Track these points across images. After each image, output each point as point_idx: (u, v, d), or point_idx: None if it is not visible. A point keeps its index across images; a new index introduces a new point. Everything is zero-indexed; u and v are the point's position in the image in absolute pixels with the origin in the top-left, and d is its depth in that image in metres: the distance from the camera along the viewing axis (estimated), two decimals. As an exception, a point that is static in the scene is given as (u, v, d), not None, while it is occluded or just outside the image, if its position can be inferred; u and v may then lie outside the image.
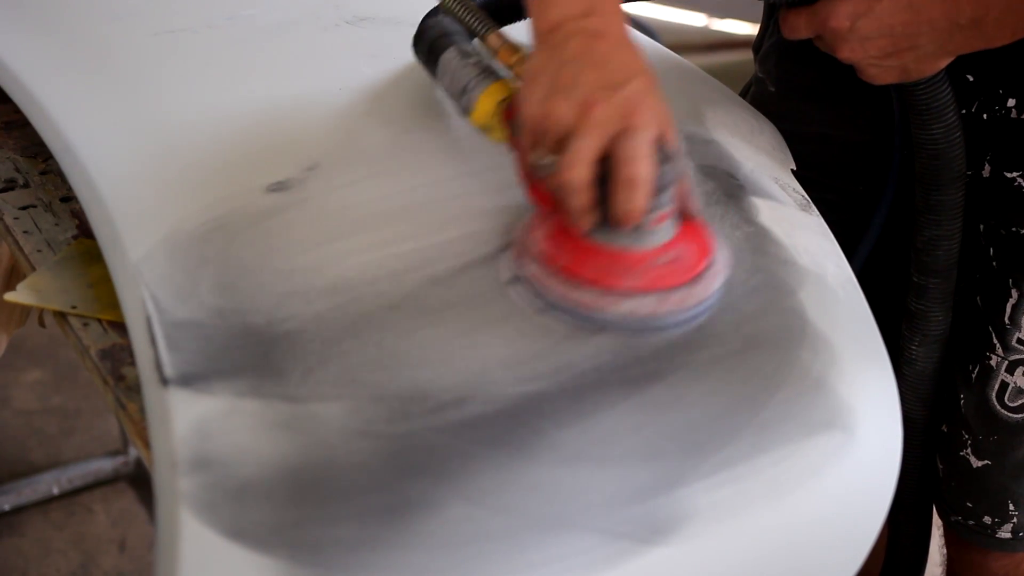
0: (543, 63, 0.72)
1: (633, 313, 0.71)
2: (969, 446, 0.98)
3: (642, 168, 0.68)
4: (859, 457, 0.71)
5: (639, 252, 0.71)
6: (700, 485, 0.66)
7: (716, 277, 0.73)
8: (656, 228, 0.71)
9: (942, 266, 0.94)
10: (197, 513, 0.61)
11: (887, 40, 0.81)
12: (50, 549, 1.77)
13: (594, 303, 0.71)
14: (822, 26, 0.83)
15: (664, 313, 0.71)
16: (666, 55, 1.04)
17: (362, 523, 0.61)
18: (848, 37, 0.82)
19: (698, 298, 0.72)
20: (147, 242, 0.77)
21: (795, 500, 0.69)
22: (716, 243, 0.75)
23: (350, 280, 0.74)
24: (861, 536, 0.74)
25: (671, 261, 0.72)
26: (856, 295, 0.81)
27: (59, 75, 0.95)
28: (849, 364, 0.74)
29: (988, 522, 1.00)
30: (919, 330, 0.96)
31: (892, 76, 0.85)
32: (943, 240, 0.92)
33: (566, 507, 0.64)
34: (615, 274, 0.71)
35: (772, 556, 0.70)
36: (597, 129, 0.68)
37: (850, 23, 0.81)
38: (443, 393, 0.67)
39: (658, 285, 0.71)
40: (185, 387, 0.67)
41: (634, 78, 0.70)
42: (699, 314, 0.73)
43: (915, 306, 0.96)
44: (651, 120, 0.69)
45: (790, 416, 0.70)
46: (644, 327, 0.71)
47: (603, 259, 0.72)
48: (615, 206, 0.69)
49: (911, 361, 0.97)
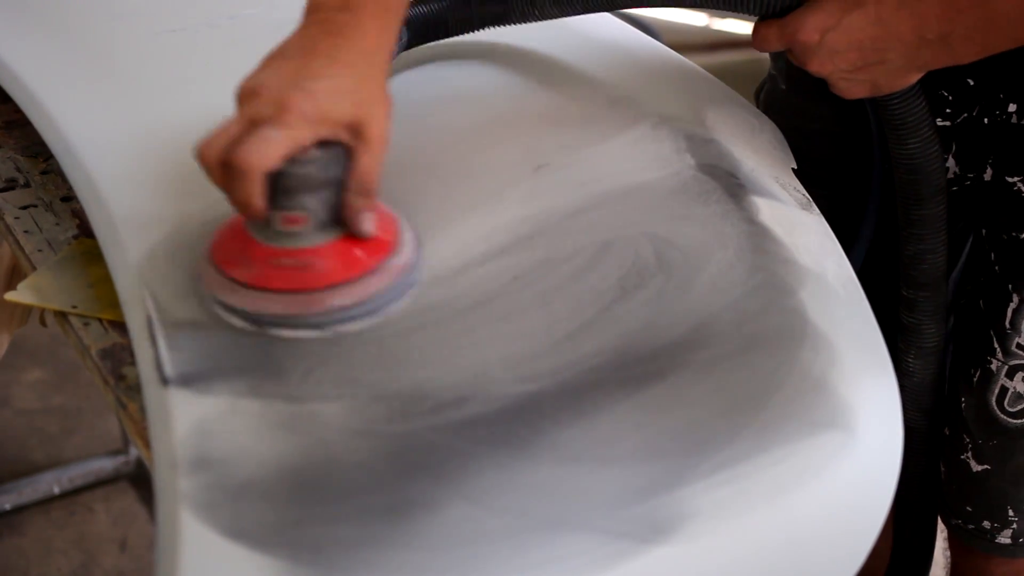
0: (284, 41, 0.72)
1: (238, 304, 0.71)
2: (970, 450, 0.98)
3: (249, 156, 0.66)
4: (860, 456, 0.71)
5: (265, 247, 0.71)
6: (700, 485, 0.66)
7: (345, 297, 0.71)
8: (289, 229, 0.70)
9: (930, 279, 0.94)
10: (197, 513, 0.61)
11: (856, 54, 0.81)
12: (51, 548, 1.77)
13: (223, 292, 0.71)
14: (791, 39, 0.83)
15: (264, 311, 0.70)
16: (667, 55, 1.04)
17: (362, 523, 0.61)
18: (817, 51, 0.82)
19: (309, 308, 0.70)
20: (147, 242, 0.77)
21: (796, 499, 0.69)
22: (388, 273, 0.73)
23: (350, 280, 0.74)
24: (862, 535, 0.74)
25: (300, 267, 0.71)
26: (857, 294, 0.81)
27: (60, 75, 0.95)
28: (850, 363, 0.74)
29: (988, 527, 1.00)
30: (913, 343, 0.97)
31: (863, 90, 0.85)
32: (928, 254, 0.93)
33: (566, 507, 0.64)
34: (235, 264, 0.72)
35: (773, 555, 0.70)
36: (245, 113, 0.68)
37: (819, 36, 0.81)
38: (443, 393, 0.67)
39: (267, 284, 0.70)
40: (185, 387, 0.67)
41: (331, 79, 0.68)
42: (318, 324, 0.71)
43: (907, 320, 0.96)
44: (299, 122, 0.67)
45: (791, 415, 0.70)
46: (259, 321, 0.71)
47: (237, 251, 0.72)
48: (228, 192, 0.68)
49: (909, 373, 0.98)
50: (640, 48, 1.03)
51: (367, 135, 0.69)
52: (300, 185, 0.69)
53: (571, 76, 0.97)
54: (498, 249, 0.77)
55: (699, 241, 0.79)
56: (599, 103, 0.93)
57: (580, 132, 0.89)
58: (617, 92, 0.94)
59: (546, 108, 0.92)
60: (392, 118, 0.71)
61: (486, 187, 0.83)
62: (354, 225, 0.71)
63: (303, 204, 0.70)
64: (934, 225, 0.91)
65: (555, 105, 0.93)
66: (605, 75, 0.97)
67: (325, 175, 0.70)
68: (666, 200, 0.83)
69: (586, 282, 0.76)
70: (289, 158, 0.67)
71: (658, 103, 0.93)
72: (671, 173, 0.85)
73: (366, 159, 0.70)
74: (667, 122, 0.90)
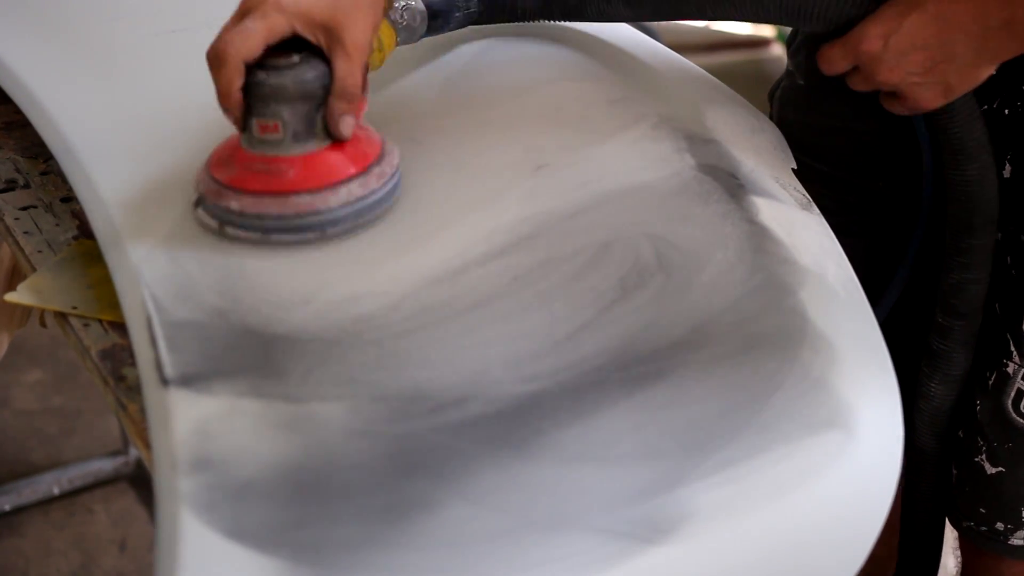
0: None
1: (211, 199, 0.75)
2: (984, 452, 0.98)
3: (227, 45, 0.71)
4: (860, 456, 0.71)
5: (245, 152, 0.75)
6: (701, 484, 0.66)
7: (317, 202, 0.74)
8: (264, 137, 0.74)
9: (969, 309, 0.93)
10: (197, 513, 0.61)
11: (922, 54, 0.81)
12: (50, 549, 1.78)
13: (204, 189, 0.76)
14: (856, 52, 0.84)
15: (233, 207, 0.74)
16: (666, 55, 1.04)
17: (362, 523, 0.61)
18: (884, 58, 0.82)
19: (279, 209, 0.74)
20: (147, 242, 0.77)
21: (796, 499, 0.69)
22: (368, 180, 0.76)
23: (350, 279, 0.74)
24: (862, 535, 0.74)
25: (274, 172, 0.74)
26: (857, 294, 0.81)
27: (60, 76, 0.95)
28: (850, 363, 0.74)
29: (1001, 528, 0.99)
30: (939, 369, 0.96)
31: (936, 94, 0.84)
32: (971, 284, 0.92)
33: (566, 507, 0.64)
34: (220, 166, 0.76)
35: (773, 555, 0.70)
36: (237, 10, 0.73)
37: (882, 43, 0.82)
38: (443, 393, 0.67)
39: (242, 184, 0.75)
40: (185, 387, 0.67)
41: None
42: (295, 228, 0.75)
43: (938, 346, 0.96)
44: (275, 13, 0.71)
45: (791, 415, 0.70)
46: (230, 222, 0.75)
47: (226, 156, 0.77)
48: (214, 83, 0.73)
49: (928, 397, 0.97)
50: (640, 48, 1.03)
51: (343, 39, 0.72)
52: (273, 94, 0.73)
53: (571, 76, 0.97)
54: (498, 249, 0.77)
55: (699, 241, 0.79)
56: (599, 103, 0.93)
57: (580, 132, 0.89)
58: (617, 92, 0.94)
59: (546, 108, 0.92)
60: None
61: (486, 187, 0.83)
62: (333, 127, 0.75)
63: (277, 113, 0.74)
64: (982, 256, 0.91)
65: (555, 105, 0.93)
66: (605, 75, 0.97)
67: (300, 87, 0.73)
68: (666, 200, 0.83)
69: (586, 282, 0.76)
70: (266, 63, 0.72)
71: (658, 103, 0.93)
72: (671, 173, 0.85)
73: (343, 64, 0.73)
74: (667, 122, 0.90)
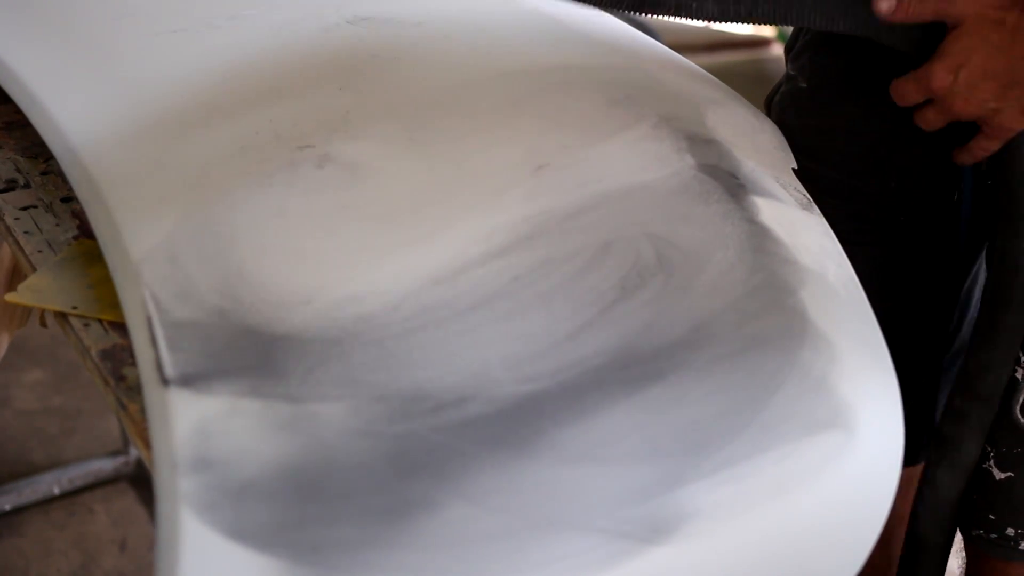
0: None
1: None
2: (992, 458, 0.97)
3: None
4: (860, 456, 0.71)
5: None
6: (701, 484, 0.66)
7: None
8: None
9: (991, 392, 0.93)
10: (197, 513, 0.61)
11: (993, 83, 0.83)
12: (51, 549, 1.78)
13: None
14: (928, 89, 0.86)
15: None
16: (667, 55, 1.04)
17: (362, 523, 0.61)
18: (956, 91, 0.85)
19: None
20: (147, 242, 0.77)
21: (796, 499, 0.69)
22: None
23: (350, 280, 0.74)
24: (863, 535, 0.74)
25: None
26: (857, 294, 0.81)
27: (60, 75, 0.95)
28: (850, 363, 0.74)
29: (1011, 534, 0.99)
30: (947, 456, 0.95)
31: (1019, 120, 0.85)
32: (997, 366, 0.91)
33: (566, 507, 0.64)
34: None
35: (774, 555, 0.70)
36: None
37: (952, 77, 0.84)
38: (443, 393, 0.67)
39: None
40: (186, 387, 0.67)
41: None
42: None
43: (948, 431, 0.94)
44: None
45: (791, 415, 0.70)
46: None
47: None
48: None
49: (933, 485, 0.96)
50: (640, 48, 1.03)
51: None
52: None
53: (571, 76, 0.97)
54: (498, 249, 0.77)
55: (699, 241, 0.79)
56: (599, 103, 0.93)
57: (580, 132, 0.89)
58: (617, 92, 0.94)
59: (546, 108, 0.92)
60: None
61: (486, 187, 0.83)
62: None
63: None
64: (1012, 334, 0.90)
65: (555, 105, 0.93)
66: (605, 75, 0.97)
67: None
68: (666, 200, 0.83)
69: (586, 282, 0.76)
70: None
71: (658, 103, 0.93)
72: (671, 173, 0.85)
73: None
74: (667, 122, 0.90)
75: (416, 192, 0.81)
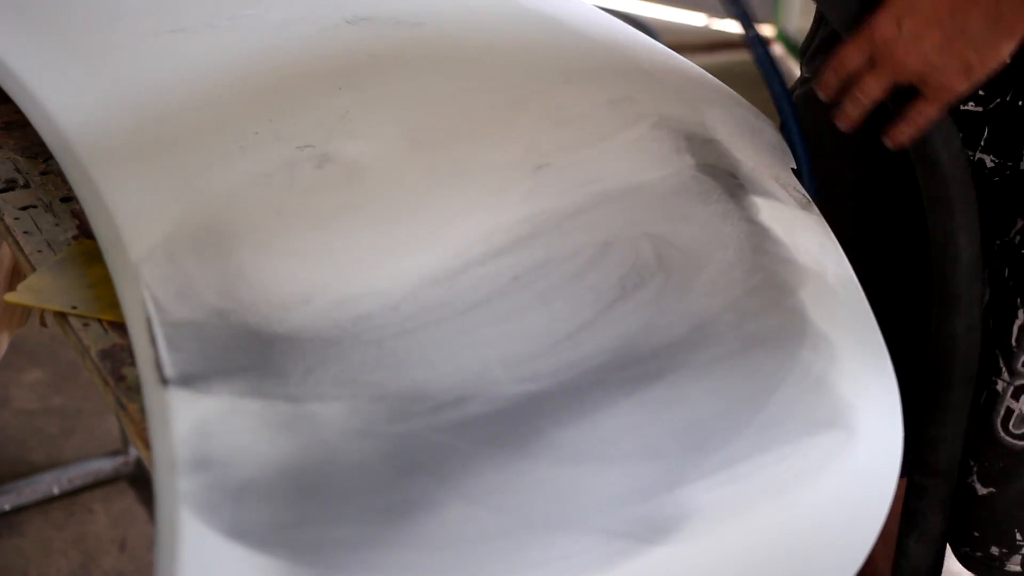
0: None
1: None
2: (975, 473, 0.97)
3: None
4: (860, 456, 0.71)
5: None
6: (701, 484, 0.66)
7: None
8: None
9: (944, 467, 0.93)
10: (197, 513, 0.61)
11: (937, 30, 0.81)
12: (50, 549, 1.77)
13: None
14: (871, 41, 0.84)
15: None
16: (667, 55, 1.04)
17: (362, 523, 0.61)
18: (900, 40, 0.83)
19: None
20: (147, 242, 0.77)
21: (796, 499, 0.69)
22: None
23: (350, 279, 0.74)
24: (862, 535, 0.74)
25: None
26: (856, 294, 0.81)
27: (60, 75, 0.95)
28: (849, 363, 0.74)
29: (996, 553, 0.99)
30: (916, 528, 0.96)
31: (959, 78, 0.83)
32: (942, 442, 0.92)
33: (566, 507, 0.64)
34: None
35: (773, 555, 0.70)
36: None
37: (896, 26, 0.82)
38: (443, 393, 0.67)
39: None
40: (185, 387, 0.67)
41: None
42: None
43: (913, 504, 0.95)
44: None
45: (791, 415, 0.70)
46: None
47: None
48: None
49: (907, 556, 0.97)
50: (640, 48, 1.03)
51: None
52: None
53: (571, 76, 0.97)
54: (498, 249, 0.77)
55: (699, 241, 0.79)
56: (599, 103, 0.93)
57: (580, 132, 0.89)
58: (617, 92, 0.94)
59: (546, 108, 0.93)
60: None
61: (486, 187, 0.83)
62: None
63: None
64: (957, 412, 0.91)
65: (555, 105, 0.93)
66: (605, 75, 0.97)
67: None
68: (666, 200, 0.83)
69: (586, 282, 0.76)
70: None
71: (658, 103, 0.93)
72: (671, 173, 0.85)
73: None
74: (667, 122, 0.90)
75: (415, 192, 0.81)
